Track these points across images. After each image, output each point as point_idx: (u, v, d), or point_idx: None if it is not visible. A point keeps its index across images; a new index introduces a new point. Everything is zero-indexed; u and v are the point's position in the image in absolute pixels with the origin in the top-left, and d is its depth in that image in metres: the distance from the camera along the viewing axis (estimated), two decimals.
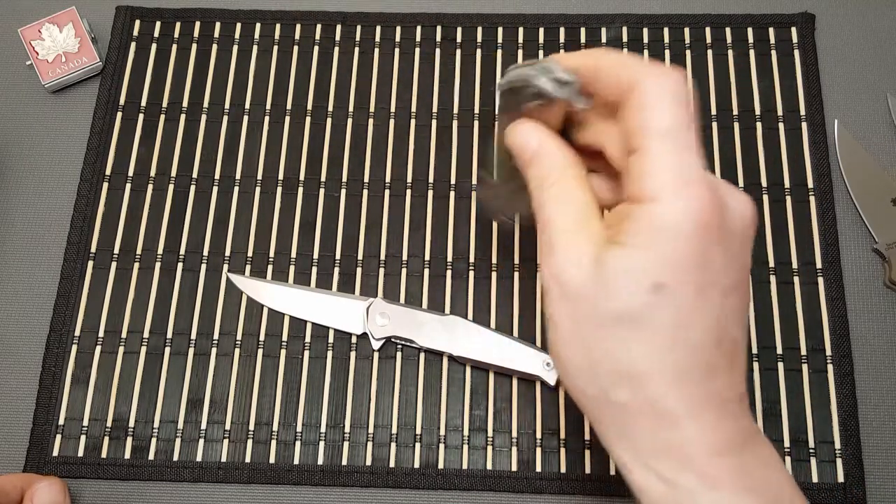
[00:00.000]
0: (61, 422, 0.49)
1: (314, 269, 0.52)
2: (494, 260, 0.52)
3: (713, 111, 0.55)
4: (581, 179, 0.33)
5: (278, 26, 0.59)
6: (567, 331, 0.30)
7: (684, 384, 0.29)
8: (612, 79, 0.31)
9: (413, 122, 0.56)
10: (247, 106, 0.57)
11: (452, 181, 0.54)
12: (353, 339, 0.50)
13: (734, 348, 0.30)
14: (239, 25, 0.59)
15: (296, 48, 0.58)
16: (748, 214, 0.30)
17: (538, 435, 0.48)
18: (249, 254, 0.53)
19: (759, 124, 0.55)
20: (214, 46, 0.58)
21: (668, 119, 0.29)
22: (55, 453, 0.48)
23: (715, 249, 0.29)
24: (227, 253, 0.53)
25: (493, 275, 0.52)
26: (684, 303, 0.28)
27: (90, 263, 0.52)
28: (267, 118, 0.56)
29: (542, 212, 0.33)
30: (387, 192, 0.54)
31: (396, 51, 0.58)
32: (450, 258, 0.52)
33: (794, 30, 0.57)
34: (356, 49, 0.58)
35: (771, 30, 0.57)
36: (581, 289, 0.30)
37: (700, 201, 0.28)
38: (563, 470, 0.47)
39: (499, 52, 0.58)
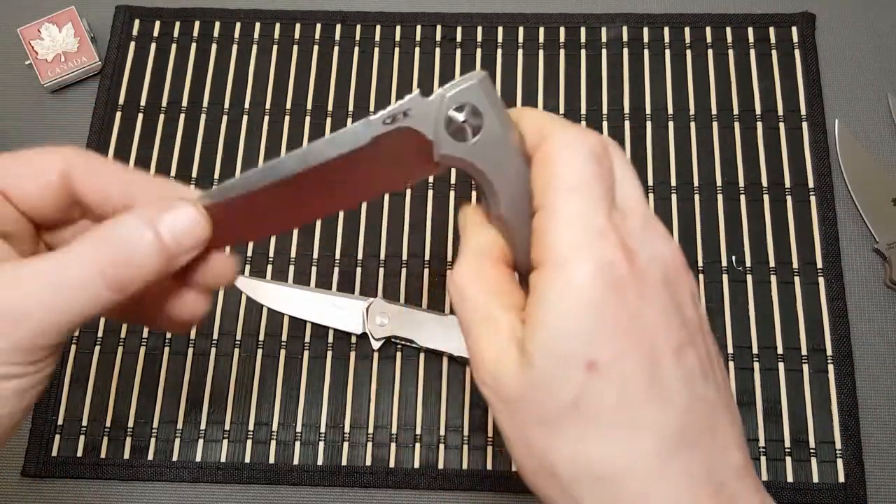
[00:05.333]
0: (60, 422, 0.49)
1: (314, 269, 0.52)
2: None
3: (713, 111, 0.55)
4: (489, 259, 0.28)
5: (278, 26, 0.59)
6: (516, 441, 0.26)
7: (665, 472, 0.24)
8: (528, 128, 0.28)
9: None
10: (246, 105, 0.56)
11: (452, 181, 0.54)
12: (353, 339, 0.50)
13: (710, 410, 0.25)
14: (238, 25, 0.59)
15: (295, 47, 0.58)
16: (669, 259, 0.26)
17: None
18: (249, 254, 0.52)
19: (759, 124, 0.55)
20: (214, 46, 0.58)
21: (576, 173, 0.26)
22: (54, 453, 0.48)
23: (642, 307, 0.25)
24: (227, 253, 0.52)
25: None
26: (629, 376, 0.24)
27: None
28: (267, 117, 0.56)
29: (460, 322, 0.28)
30: None
31: (396, 50, 0.58)
32: (450, 258, 0.52)
33: (794, 29, 0.57)
34: (356, 48, 0.58)
35: (771, 29, 0.57)
36: (514, 392, 0.25)
37: (607, 259, 0.24)
38: None
39: (499, 51, 0.58)
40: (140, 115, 0.56)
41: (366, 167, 0.28)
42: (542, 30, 0.58)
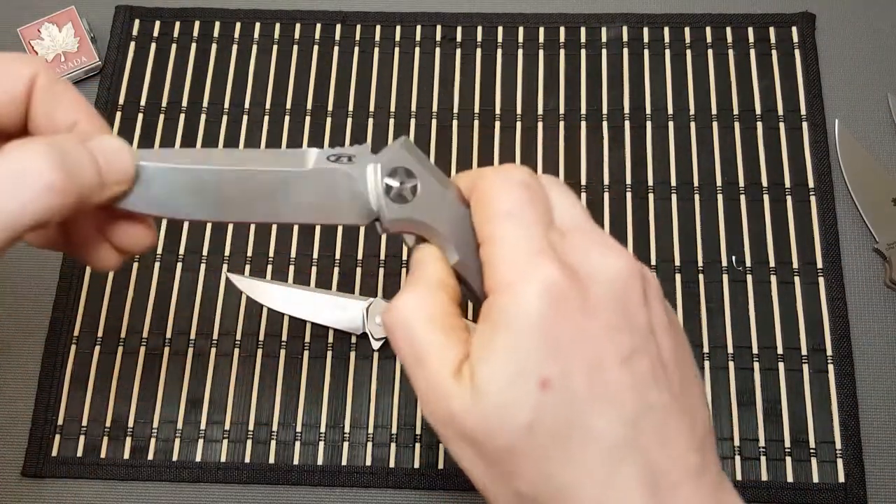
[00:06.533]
0: (60, 422, 0.49)
1: (314, 269, 0.52)
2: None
3: (714, 111, 0.55)
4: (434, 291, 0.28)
5: (278, 26, 0.59)
6: (479, 476, 0.26)
7: (613, 480, 0.25)
8: (463, 183, 0.29)
9: (413, 121, 0.56)
10: (246, 105, 0.56)
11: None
12: (353, 339, 0.50)
13: (663, 416, 0.26)
14: (238, 25, 0.59)
15: (295, 47, 0.58)
16: (615, 269, 0.26)
17: None
18: (249, 253, 0.52)
19: (759, 124, 0.55)
20: (214, 46, 0.58)
21: (509, 201, 0.27)
22: (54, 453, 0.48)
23: (585, 321, 0.25)
24: (227, 253, 0.52)
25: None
26: (577, 389, 0.25)
27: None
28: (266, 118, 0.56)
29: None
30: None
31: (396, 50, 0.58)
32: None
33: (794, 29, 0.57)
34: (356, 48, 0.58)
35: (771, 29, 0.57)
36: (469, 425, 0.25)
37: (547, 277, 0.25)
38: None
39: (499, 51, 0.58)
40: (140, 115, 0.56)
41: (299, 194, 0.29)
42: (542, 30, 0.58)
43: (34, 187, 0.24)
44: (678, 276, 0.51)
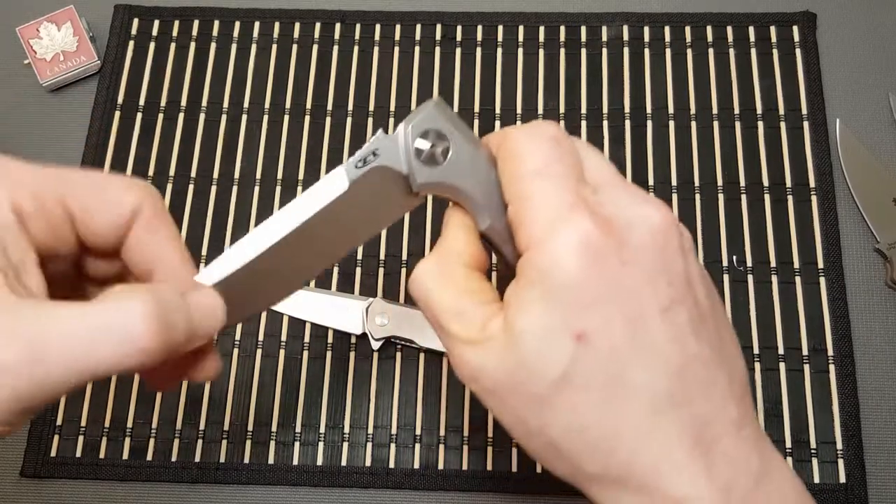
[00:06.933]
0: (59, 422, 0.49)
1: None
2: (494, 259, 0.52)
3: (714, 110, 0.55)
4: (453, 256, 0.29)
5: (277, 25, 0.59)
6: (514, 426, 0.27)
7: (655, 432, 0.25)
8: (492, 142, 0.29)
9: None
10: (245, 105, 0.56)
11: None
12: (353, 339, 0.50)
13: (703, 367, 0.26)
14: (238, 24, 0.59)
15: (295, 47, 0.58)
16: (650, 220, 0.26)
17: None
18: None
19: (760, 123, 0.55)
20: (213, 45, 0.58)
21: (538, 158, 0.26)
22: (53, 454, 0.48)
23: (623, 272, 0.25)
24: None
25: (494, 275, 0.51)
26: (617, 341, 0.24)
27: None
28: (266, 117, 0.56)
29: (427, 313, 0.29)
30: None
31: (396, 49, 0.58)
32: None
33: (795, 29, 0.57)
34: (355, 47, 0.58)
35: (772, 28, 0.57)
36: (501, 377, 0.26)
37: (581, 230, 0.25)
38: None
39: (499, 50, 0.57)
40: (139, 115, 0.56)
41: (349, 213, 0.28)
42: (542, 29, 0.58)
43: (129, 348, 0.24)
44: None
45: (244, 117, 0.56)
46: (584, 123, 0.55)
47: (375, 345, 0.49)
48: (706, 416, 0.25)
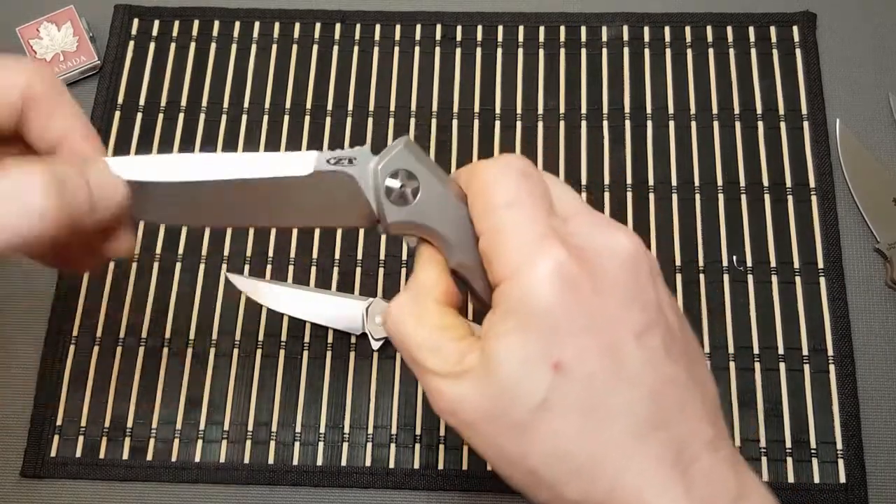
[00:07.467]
0: (59, 422, 0.49)
1: (313, 269, 0.52)
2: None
3: (714, 110, 0.55)
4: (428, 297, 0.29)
5: (277, 25, 0.59)
6: (494, 458, 0.26)
7: (636, 456, 0.25)
8: (462, 178, 0.29)
9: (413, 120, 0.56)
10: (246, 105, 0.56)
11: None
12: (353, 339, 0.50)
13: (678, 388, 0.26)
14: (238, 24, 0.59)
15: (295, 47, 0.58)
16: (620, 247, 0.26)
17: None
18: (248, 253, 0.52)
19: (760, 123, 0.55)
20: (213, 45, 0.58)
21: (509, 191, 0.27)
22: (53, 454, 0.48)
23: (598, 300, 0.25)
24: (226, 253, 0.52)
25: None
26: (594, 368, 0.25)
27: None
28: (266, 117, 0.56)
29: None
30: None
31: (396, 49, 0.58)
32: None
33: (795, 28, 0.57)
34: (355, 48, 0.58)
35: (772, 28, 0.57)
36: (480, 407, 0.26)
37: (555, 260, 0.25)
38: None
39: (499, 50, 0.57)
40: (139, 115, 0.56)
41: (300, 195, 0.29)
42: (542, 29, 0.58)
43: (27, 214, 0.24)
44: (679, 276, 0.51)
45: (244, 117, 0.56)
46: (584, 123, 0.55)
47: (375, 345, 0.49)
48: (683, 438, 0.25)
